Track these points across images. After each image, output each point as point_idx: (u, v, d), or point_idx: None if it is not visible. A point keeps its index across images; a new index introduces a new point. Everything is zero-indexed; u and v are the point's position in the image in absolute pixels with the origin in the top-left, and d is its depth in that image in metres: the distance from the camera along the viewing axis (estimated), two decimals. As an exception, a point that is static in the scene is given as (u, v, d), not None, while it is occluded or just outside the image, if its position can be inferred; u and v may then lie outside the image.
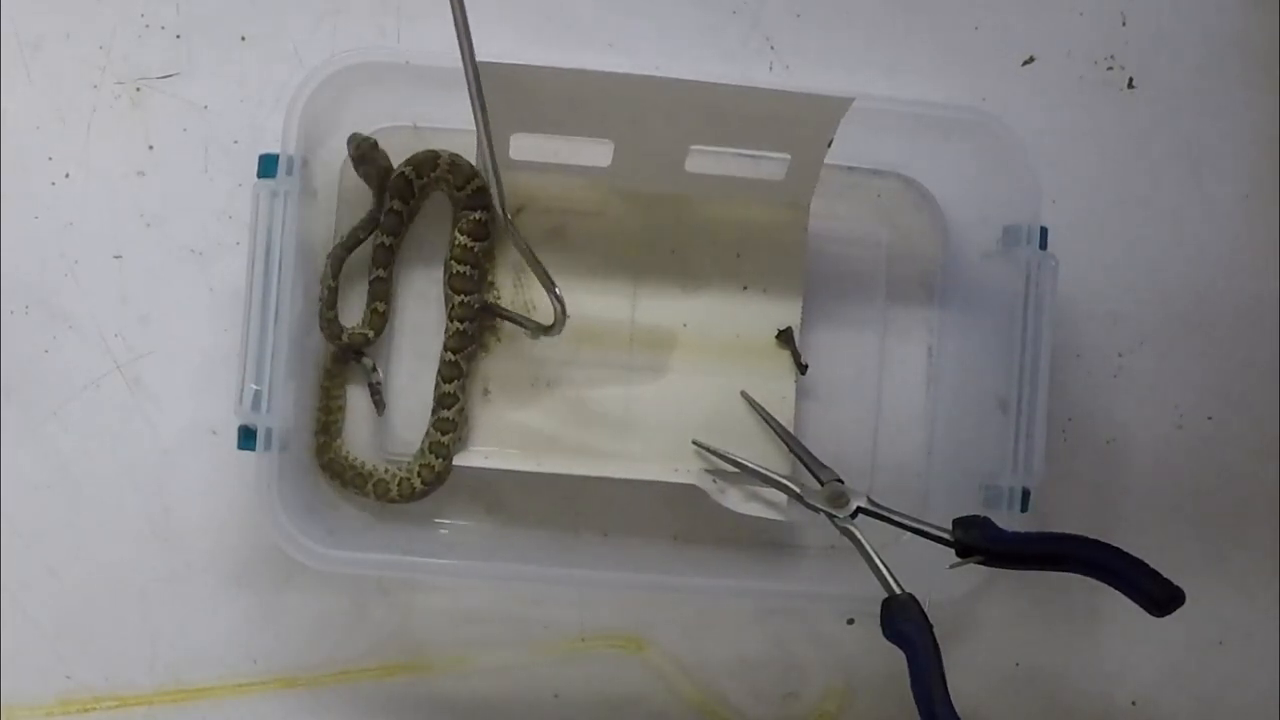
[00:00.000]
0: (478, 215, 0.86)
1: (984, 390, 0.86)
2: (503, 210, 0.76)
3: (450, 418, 0.85)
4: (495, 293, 0.88)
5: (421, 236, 0.88)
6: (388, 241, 0.86)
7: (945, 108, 0.88)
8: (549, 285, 0.80)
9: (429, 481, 0.85)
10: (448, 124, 0.86)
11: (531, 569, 0.84)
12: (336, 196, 0.87)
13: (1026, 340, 0.83)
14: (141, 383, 0.87)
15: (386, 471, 0.86)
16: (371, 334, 0.86)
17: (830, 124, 0.82)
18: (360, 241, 0.85)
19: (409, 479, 0.85)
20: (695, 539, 0.89)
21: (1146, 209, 0.94)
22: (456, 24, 0.71)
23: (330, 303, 0.85)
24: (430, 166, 0.86)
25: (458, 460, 0.86)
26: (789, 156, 0.86)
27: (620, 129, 0.83)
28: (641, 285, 0.89)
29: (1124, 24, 0.94)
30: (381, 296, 0.86)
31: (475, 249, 0.86)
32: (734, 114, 0.82)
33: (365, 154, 0.84)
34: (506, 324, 0.87)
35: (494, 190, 0.76)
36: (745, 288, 0.89)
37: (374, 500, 0.86)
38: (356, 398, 0.87)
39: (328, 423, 0.86)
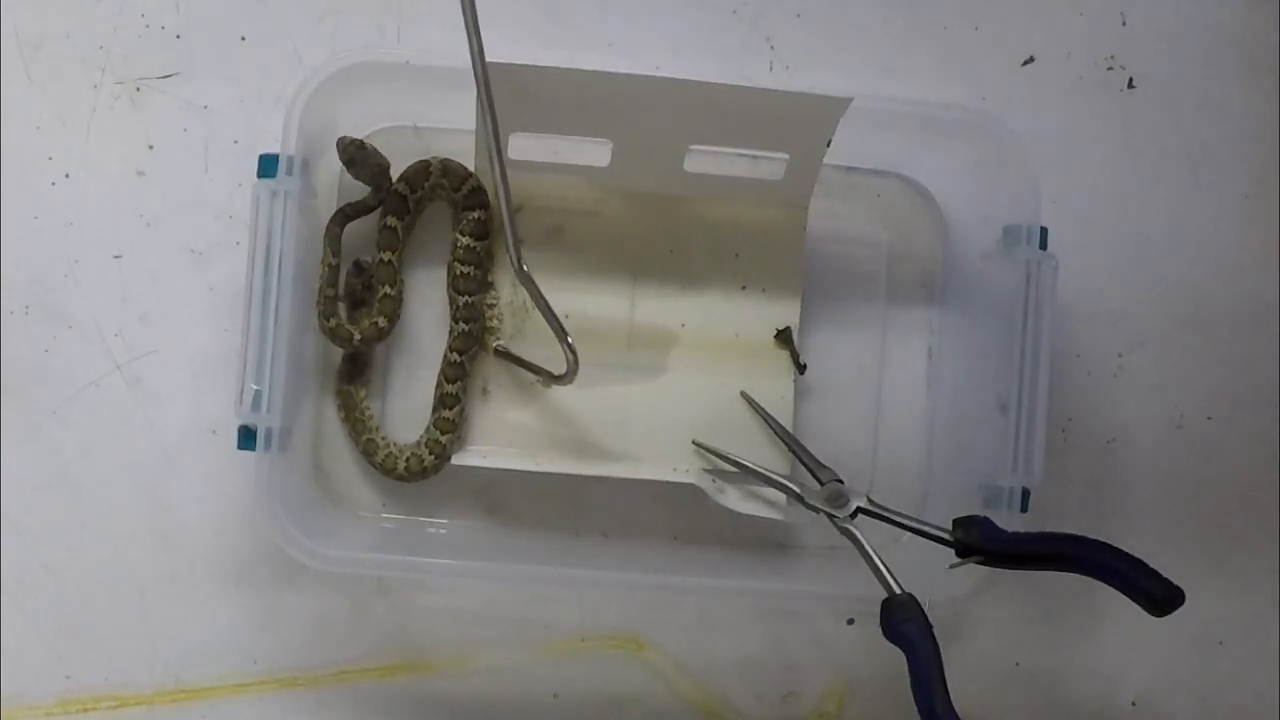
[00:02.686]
0: (477, 214, 0.86)
1: (984, 390, 0.86)
2: (517, 261, 0.75)
3: (451, 418, 0.85)
4: (494, 293, 0.88)
5: (422, 238, 0.88)
6: (387, 257, 0.86)
7: (945, 108, 0.88)
8: (561, 335, 0.79)
9: (413, 471, 0.85)
10: (447, 124, 0.86)
11: (531, 569, 0.84)
12: (336, 196, 0.87)
13: (1026, 340, 0.83)
14: (141, 383, 0.87)
15: (384, 439, 0.86)
16: (358, 336, 0.84)
17: (829, 124, 0.82)
18: (350, 218, 0.84)
19: (396, 457, 0.85)
20: (695, 539, 0.89)
21: (1146, 209, 0.94)
22: (473, 53, 0.70)
23: (330, 280, 0.84)
24: (423, 177, 0.86)
25: (456, 459, 0.86)
26: (787, 156, 0.86)
27: (619, 129, 0.83)
28: (640, 285, 0.89)
29: (1124, 24, 0.94)
30: (386, 313, 0.85)
31: (478, 248, 0.86)
32: (733, 114, 0.82)
33: (354, 156, 0.83)
34: (507, 324, 0.87)
35: (508, 239, 0.76)
36: (744, 287, 0.89)
37: (358, 453, 0.86)
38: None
39: (355, 354, 0.86)
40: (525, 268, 0.76)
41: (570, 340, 0.79)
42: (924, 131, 0.87)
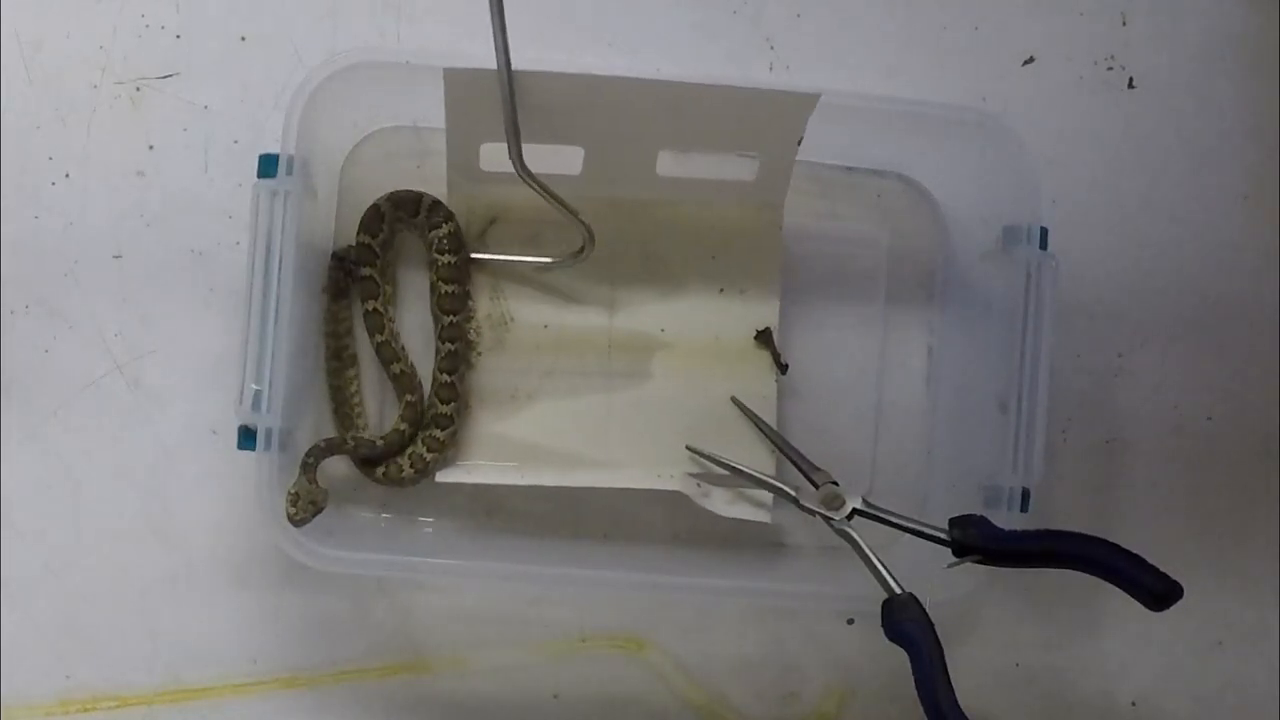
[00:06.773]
0: (445, 229, 0.85)
1: (984, 390, 0.86)
2: (518, 159, 0.75)
3: (441, 439, 0.85)
4: (471, 304, 0.87)
5: (400, 261, 0.88)
6: (371, 306, 0.86)
7: (945, 108, 0.88)
8: (573, 213, 0.79)
9: (392, 479, 0.85)
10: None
11: (531, 569, 0.83)
12: (336, 196, 0.87)
13: (1026, 340, 0.83)
14: (141, 383, 0.87)
15: (362, 438, 0.85)
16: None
17: (799, 122, 0.81)
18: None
19: (376, 465, 0.85)
20: (695, 540, 0.89)
21: (1146, 209, 0.94)
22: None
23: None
24: (377, 222, 0.86)
25: (440, 476, 0.85)
26: (759, 157, 0.85)
27: (588, 134, 0.82)
28: (618, 291, 0.88)
29: (1124, 24, 0.94)
30: (386, 335, 0.86)
31: (455, 262, 0.86)
32: (702, 115, 0.81)
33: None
34: (486, 337, 0.87)
35: (509, 132, 0.76)
36: (722, 290, 0.89)
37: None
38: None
39: (338, 348, 0.86)
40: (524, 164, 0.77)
41: (585, 220, 0.80)
42: (924, 131, 0.87)
